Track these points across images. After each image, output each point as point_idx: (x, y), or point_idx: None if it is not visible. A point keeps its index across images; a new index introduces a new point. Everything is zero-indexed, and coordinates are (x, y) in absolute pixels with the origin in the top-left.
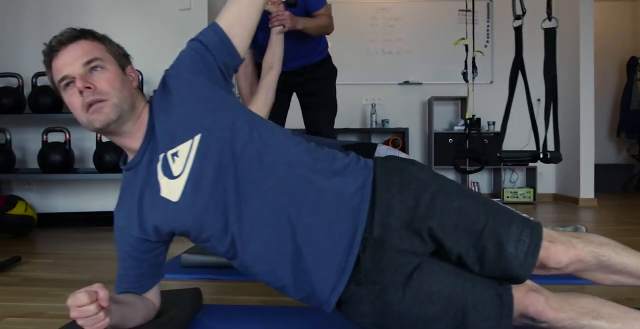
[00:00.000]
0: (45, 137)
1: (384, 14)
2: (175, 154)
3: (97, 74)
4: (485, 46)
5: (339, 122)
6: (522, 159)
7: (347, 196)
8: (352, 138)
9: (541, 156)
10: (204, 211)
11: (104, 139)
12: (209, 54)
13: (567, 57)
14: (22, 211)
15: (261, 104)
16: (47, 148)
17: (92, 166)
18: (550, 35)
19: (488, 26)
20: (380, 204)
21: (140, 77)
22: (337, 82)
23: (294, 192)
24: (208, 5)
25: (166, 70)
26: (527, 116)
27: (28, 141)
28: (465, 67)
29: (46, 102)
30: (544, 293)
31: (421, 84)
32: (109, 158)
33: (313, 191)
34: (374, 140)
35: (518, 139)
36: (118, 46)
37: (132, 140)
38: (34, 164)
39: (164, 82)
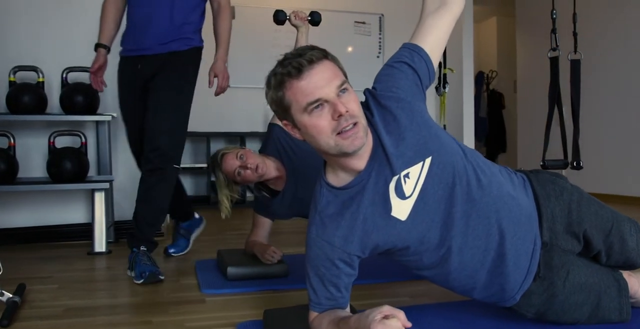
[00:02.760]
0: None
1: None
2: (406, 176)
3: (345, 97)
4: (378, 57)
5: (244, 126)
6: (559, 166)
7: (525, 207)
8: (257, 143)
9: (575, 164)
10: (428, 228)
11: (59, 145)
12: (418, 79)
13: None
14: None
15: None
16: None
17: (38, 175)
18: (575, 66)
19: (380, 38)
20: (546, 213)
21: None
22: (241, 86)
23: (504, 207)
24: None
25: (377, 90)
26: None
27: None
28: (439, 83)
29: None
30: (634, 275)
31: None
32: (68, 167)
33: (514, 205)
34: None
35: None
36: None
37: (360, 161)
38: None
39: (378, 101)
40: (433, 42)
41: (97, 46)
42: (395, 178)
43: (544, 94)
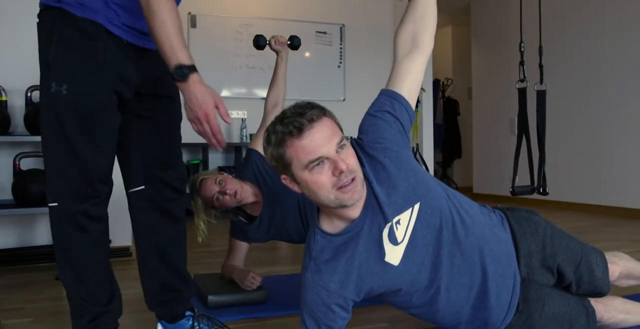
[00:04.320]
0: None
1: (249, 29)
2: (397, 222)
3: (344, 152)
4: (339, 66)
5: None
6: (526, 192)
7: (505, 245)
8: (220, 154)
9: (541, 190)
10: (418, 271)
11: (24, 166)
12: (401, 126)
13: None
14: None
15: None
16: None
17: (2, 196)
18: (541, 96)
19: (341, 48)
20: (523, 249)
21: None
22: None
23: (486, 246)
24: None
25: (364, 141)
26: None
27: None
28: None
29: None
30: (600, 301)
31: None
32: (34, 190)
33: (495, 243)
34: (244, 154)
35: None
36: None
37: (355, 210)
38: None
39: (366, 152)
40: (410, 86)
41: (192, 70)
42: (388, 225)
43: (497, 101)
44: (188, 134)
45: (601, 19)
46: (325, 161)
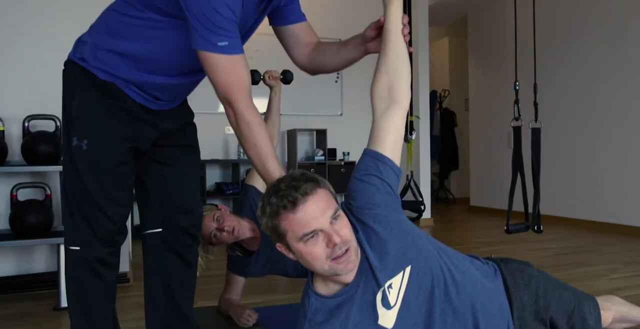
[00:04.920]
0: None
1: (247, 44)
2: (390, 286)
3: (338, 223)
4: (336, 81)
5: (203, 153)
6: (521, 230)
7: (497, 298)
8: (217, 170)
9: (535, 228)
10: None
11: (21, 198)
12: (389, 187)
13: None
14: None
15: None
16: None
17: None
18: (536, 134)
19: None
20: (517, 301)
21: None
22: (199, 111)
23: (478, 301)
24: None
25: (354, 207)
26: None
27: None
28: (405, 130)
29: None
30: None
31: (281, 114)
32: (32, 221)
33: (487, 298)
34: (241, 171)
35: None
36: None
37: (349, 275)
38: None
39: (357, 218)
40: (392, 144)
41: None
42: (380, 290)
43: (494, 113)
44: None
45: (599, 29)
46: (320, 233)
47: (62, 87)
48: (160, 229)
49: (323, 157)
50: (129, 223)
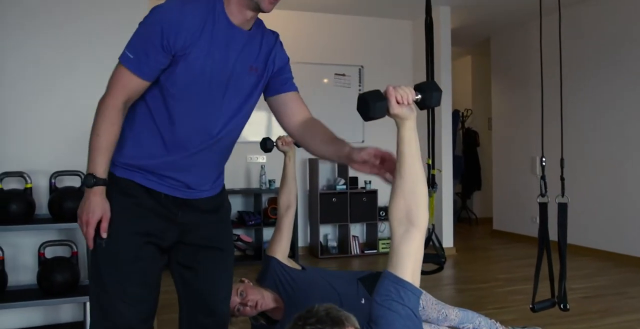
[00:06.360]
0: None
1: None
2: None
3: None
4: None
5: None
6: (546, 307)
7: None
8: (240, 199)
9: (561, 306)
10: None
11: (48, 255)
12: (411, 311)
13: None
14: None
15: (286, 242)
16: None
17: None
18: (562, 209)
19: (360, 89)
20: None
21: None
22: None
23: None
24: None
25: None
26: None
27: None
28: (427, 184)
29: None
30: None
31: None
32: (59, 279)
33: None
34: (263, 199)
35: None
36: None
37: None
38: None
39: None
40: (412, 266)
41: (100, 183)
42: None
43: (517, 136)
44: None
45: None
46: None
47: None
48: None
49: (344, 186)
50: None
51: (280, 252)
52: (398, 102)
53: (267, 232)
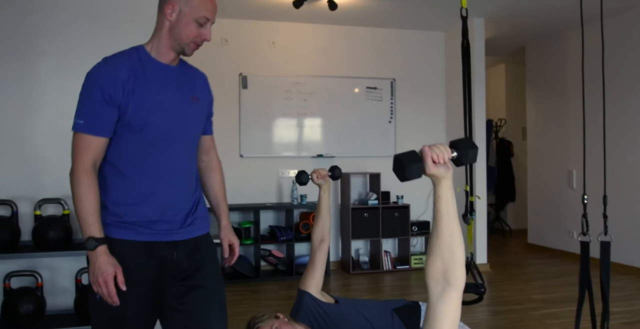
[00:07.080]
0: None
1: (298, 87)
2: None
3: None
4: (390, 121)
5: (257, 197)
6: None
7: None
8: (271, 214)
9: None
10: None
11: (85, 282)
12: None
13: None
14: None
15: (319, 276)
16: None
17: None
18: (605, 247)
19: (392, 102)
20: None
21: None
22: (253, 155)
23: None
24: None
25: None
26: None
27: None
28: (466, 211)
29: None
30: None
31: (334, 157)
32: None
33: None
34: (295, 214)
35: None
36: None
37: None
38: None
39: None
40: (449, 328)
41: (101, 243)
42: None
43: (553, 148)
44: (240, 196)
45: None
46: None
47: None
48: None
49: (376, 201)
50: None
51: (314, 286)
52: (434, 162)
53: (299, 247)
